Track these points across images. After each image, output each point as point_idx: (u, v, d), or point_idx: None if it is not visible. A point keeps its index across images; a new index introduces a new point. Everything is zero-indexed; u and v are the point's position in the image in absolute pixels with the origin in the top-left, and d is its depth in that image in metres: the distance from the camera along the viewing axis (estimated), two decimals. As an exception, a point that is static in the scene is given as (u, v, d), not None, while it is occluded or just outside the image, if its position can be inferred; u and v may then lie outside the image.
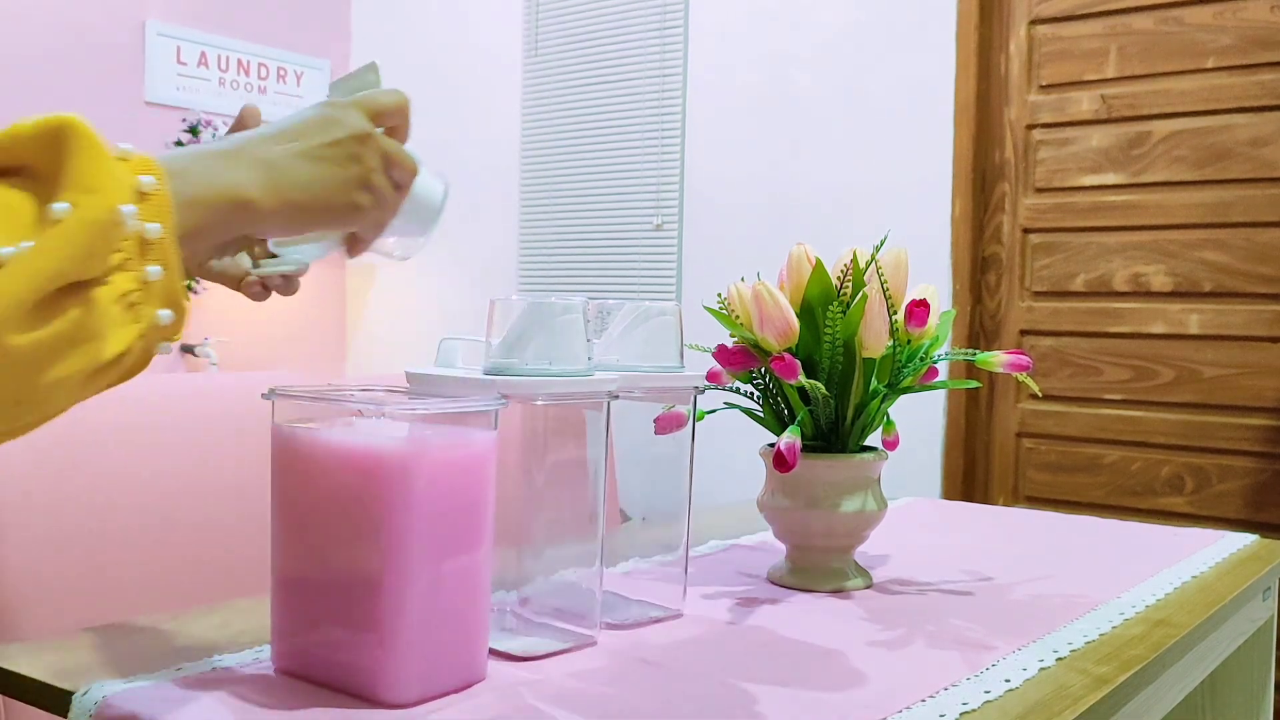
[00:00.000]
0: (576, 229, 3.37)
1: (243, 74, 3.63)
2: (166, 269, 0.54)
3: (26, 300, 0.48)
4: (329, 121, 0.69)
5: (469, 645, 0.74)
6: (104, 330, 0.52)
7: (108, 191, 0.52)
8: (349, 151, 0.69)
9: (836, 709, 0.71)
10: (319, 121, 0.68)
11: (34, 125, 0.52)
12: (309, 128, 0.68)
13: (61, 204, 0.50)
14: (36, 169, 0.52)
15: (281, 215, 0.65)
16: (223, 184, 0.62)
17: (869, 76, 2.82)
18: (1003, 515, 1.53)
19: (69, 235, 0.50)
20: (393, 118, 0.74)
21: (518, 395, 0.78)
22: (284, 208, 0.65)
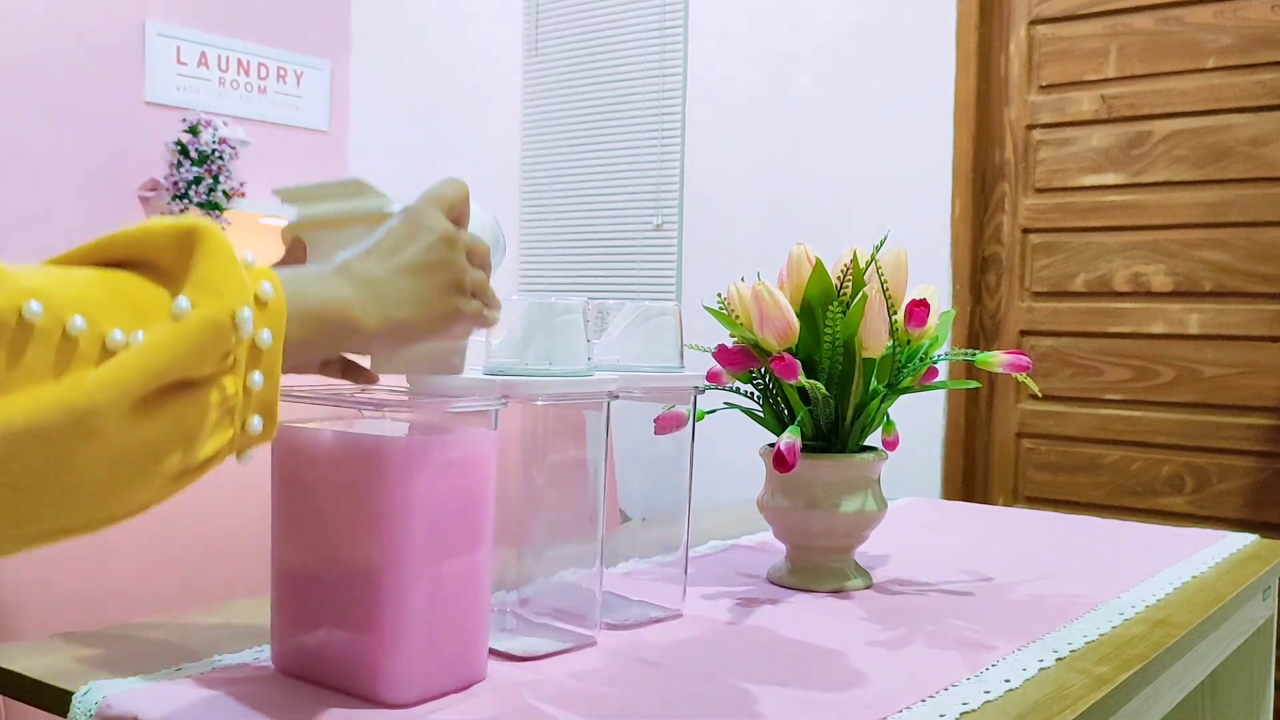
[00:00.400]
0: (576, 229, 3.37)
1: (243, 74, 3.63)
2: (268, 378, 0.54)
3: (134, 391, 0.47)
4: (417, 227, 0.68)
5: (469, 645, 0.74)
6: (201, 433, 0.51)
7: (230, 295, 0.52)
8: (441, 257, 0.68)
9: (836, 709, 0.71)
10: (408, 230, 0.68)
11: (168, 224, 0.52)
12: (401, 239, 0.67)
13: (184, 300, 0.50)
14: (165, 266, 0.52)
15: (387, 334, 0.65)
16: (334, 301, 0.62)
17: (869, 76, 2.82)
18: (1003, 515, 1.53)
19: (186, 333, 0.50)
20: (461, 208, 0.72)
21: (518, 395, 0.78)
22: (389, 327, 0.65)
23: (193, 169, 3.32)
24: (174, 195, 3.32)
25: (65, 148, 3.21)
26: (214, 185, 3.35)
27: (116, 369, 0.47)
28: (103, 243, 0.52)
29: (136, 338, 0.48)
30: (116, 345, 0.47)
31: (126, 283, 0.51)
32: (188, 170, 3.32)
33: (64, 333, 0.46)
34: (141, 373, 0.48)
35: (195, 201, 3.32)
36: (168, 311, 0.50)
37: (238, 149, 3.44)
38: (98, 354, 0.47)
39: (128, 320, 0.49)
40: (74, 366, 0.46)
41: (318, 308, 0.60)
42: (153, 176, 3.38)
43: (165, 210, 3.32)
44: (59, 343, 0.46)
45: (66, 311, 0.46)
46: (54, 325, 0.45)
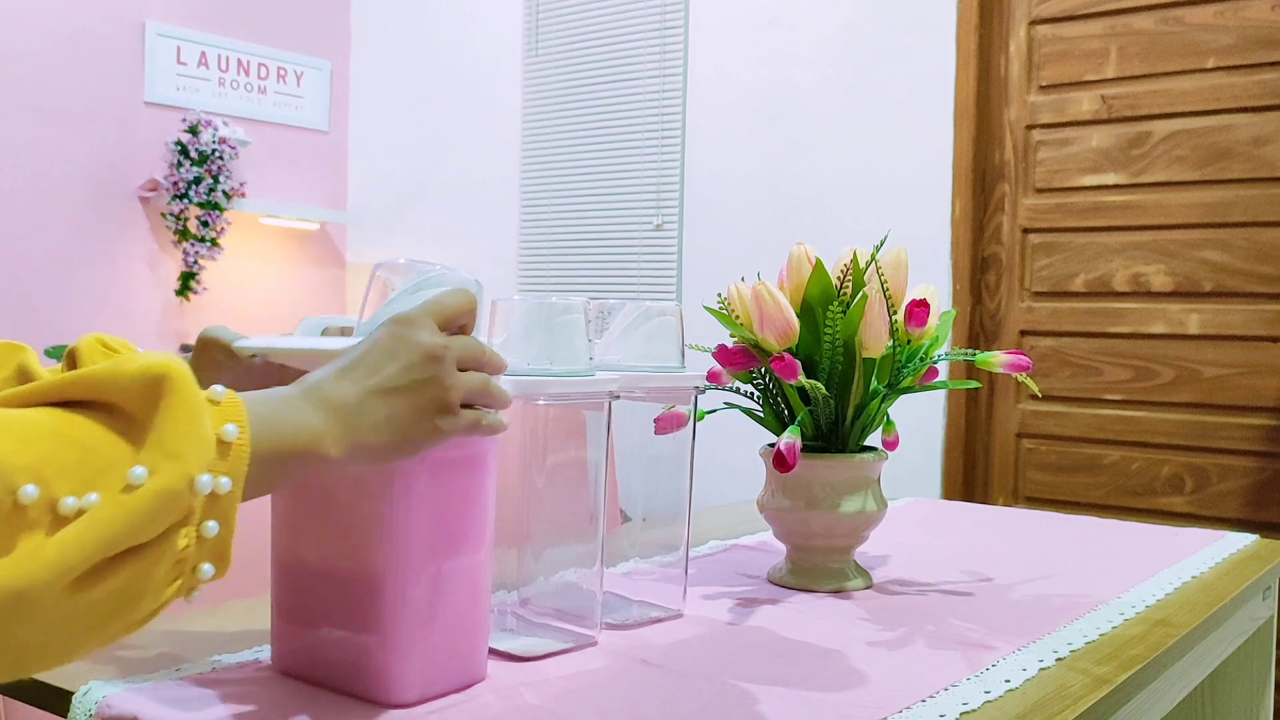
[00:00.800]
0: (576, 229, 3.37)
1: (243, 74, 3.63)
2: (224, 525, 0.53)
3: (78, 568, 0.46)
4: (398, 344, 0.65)
5: (470, 645, 0.74)
6: (148, 591, 0.50)
7: (189, 459, 0.51)
8: (421, 377, 0.65)
9: (836, 709, 0.71)
10: (389, 347, 0.65)
11: (137, 369, 0.51)
12: (381, 357, 0.65)
13: (140, 470, 0.49)
14: (130, 412, 0.51)
15: (355, 461, 0.63)
16: (302, 434, 0.60)
17: (869, 76, 2.82)
18: (1003, 515, 1.53)
19: (139, 505, 0.48)
20: (463, 318, 0.70)
21: (519, 395, 0.78)
22: (357, 452, 0.63)
23: (193, 169, 3.32)
24: (174, 195, 3.32)
25: (65, 148, 3.21)
26: (214, 185, 3.35)
27: (61, 546, 0.46)
28: (70, 380, 0.50)
29: (90, 500, 0.47)
30: (68, 511, 0.46)
31: (86, 434, 0.49)
32: (188, 170, 3.32)
33: (14, 503, 0.45)
34: (89, 548, 0.46)
35: (195, 201, 3.32)
36: (124, 475, 0.48)
37: (238, 149, 3.44)
38: (48, 522, 0.46)
39: (81, 483, 0.47)
40: (21, 538, 0.45)
41: (283, 446, 0.58)
42: (153, 176, 3.38)
43: (165, 210, 3.33)
44: (8, 513, 0.44)
45: (19, 479, 0.45)
46: (5, 495, 0.44)
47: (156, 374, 0.51)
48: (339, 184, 3.95)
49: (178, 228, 3.34)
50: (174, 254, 3.43)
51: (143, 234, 3.39)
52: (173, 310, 3.46)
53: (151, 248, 3.41)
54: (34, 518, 0.45)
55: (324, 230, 3.91)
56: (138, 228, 3.38)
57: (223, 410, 0.54)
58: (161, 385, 0.51)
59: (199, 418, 0.52)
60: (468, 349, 0.69)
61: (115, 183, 3.33)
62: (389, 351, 0.65)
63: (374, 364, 0.65)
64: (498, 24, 3.56)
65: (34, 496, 0.45)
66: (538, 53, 3.47)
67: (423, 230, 3.78)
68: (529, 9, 3.49)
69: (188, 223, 3.35)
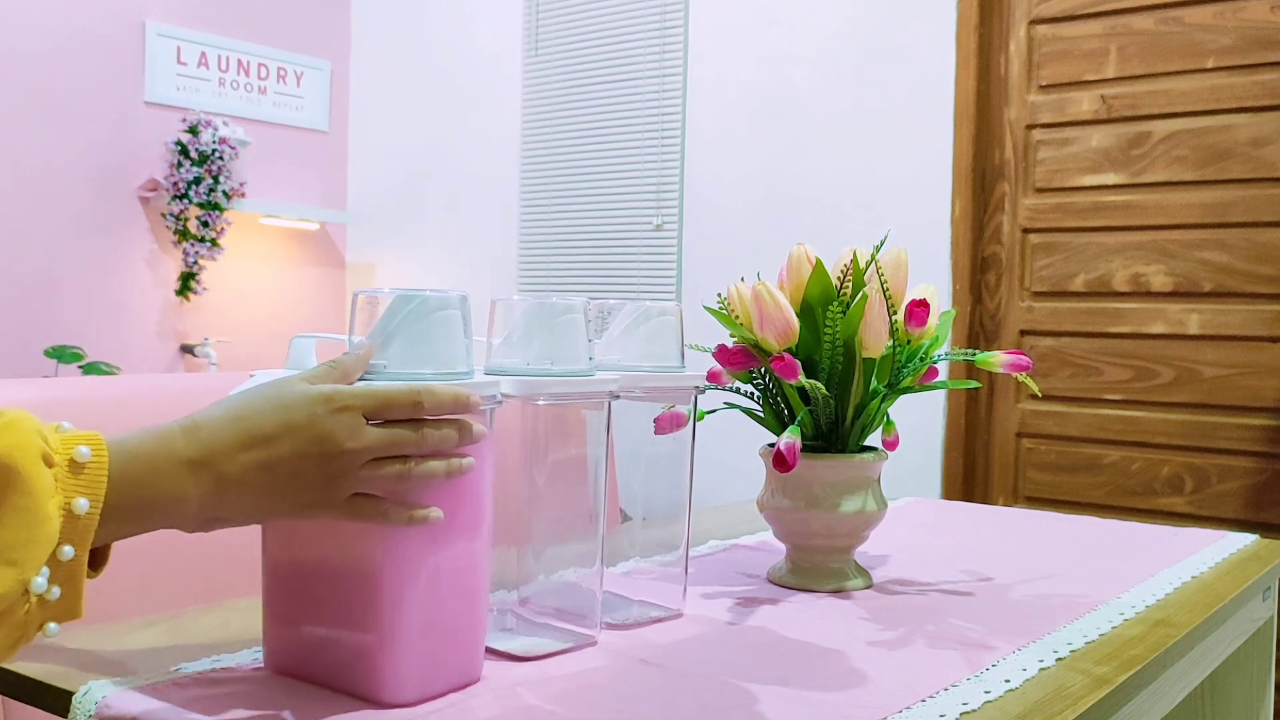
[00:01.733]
0: (576, 229, 3.37)
1: (243, 74, 3.63)
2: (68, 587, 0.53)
3: None
4: (308, 430, 0.63)
5: (468, 644, 0.74)
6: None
7: (26, 564, 0.51)
8: (325, 472, 0.63)
9: (836, 709, 0.71)
10: (298, 425, 0.63)
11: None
12: (284, 431, 0.63)
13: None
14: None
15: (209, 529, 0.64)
16: (159, 501, 0.60)
17: (869, 76, 2.82)
18: (1003, 515, 1.53)
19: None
20: (400, 412, 0.66)
21: (519, 395, 0.78)
22: (215, 525, 0.63)
23: (193, 169, 3.32)
24: (174, 195, 3.32)
25: (65, 148, 3.21)
26: (214, 185, 3.35)
27: None
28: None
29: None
30: None
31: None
32: (188, 170, 3.32)
33: None
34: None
35: (195, 201, 3.32)
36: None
37: (238, 149, 3.44)
38: None
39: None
40: None
41: (138, 513, 0.59)
42: (153, 176, 3.38)
43: (165, 210, 3.33)
44: None
45: None
46: None
47: (6, 466, 0.51)
48: (339, 184, 3.95)
49: (178, 228, 3.34)
50: (174, 254, 3.43)
51: (143, 234, 3.39)
52: (173, 310, 3.46)
53: (151, 248, 3.41)
54: None
55: (324, 230, 3.91)
56: (138, 228, 3.38)
57: (81, 482, 0.54)
58: (10, 482, 0.51)
59: (42, 520, 0.52)
60: (392, 443, 0.65)
61: (115, 183, 3.33)
62: (292, 431, 0.63)
63: (272, 437, 0.63)
64: (498, 24, 3.56)
65: None
66: (538, 53, 3.47)
67: (423, 230, 3.78)
68: (529, 9, 3.49)
69: (188, 223, 3.35)
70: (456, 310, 0.72)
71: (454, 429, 0.68)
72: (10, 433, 0.52)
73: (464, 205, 3.67)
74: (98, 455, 0.56)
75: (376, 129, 3.91)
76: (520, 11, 3.51)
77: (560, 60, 3.42)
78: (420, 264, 3.79)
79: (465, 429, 0.69)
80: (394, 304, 0.71)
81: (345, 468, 0.64)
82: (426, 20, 3.77)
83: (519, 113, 3.51)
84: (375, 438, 0.65)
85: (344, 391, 0.65)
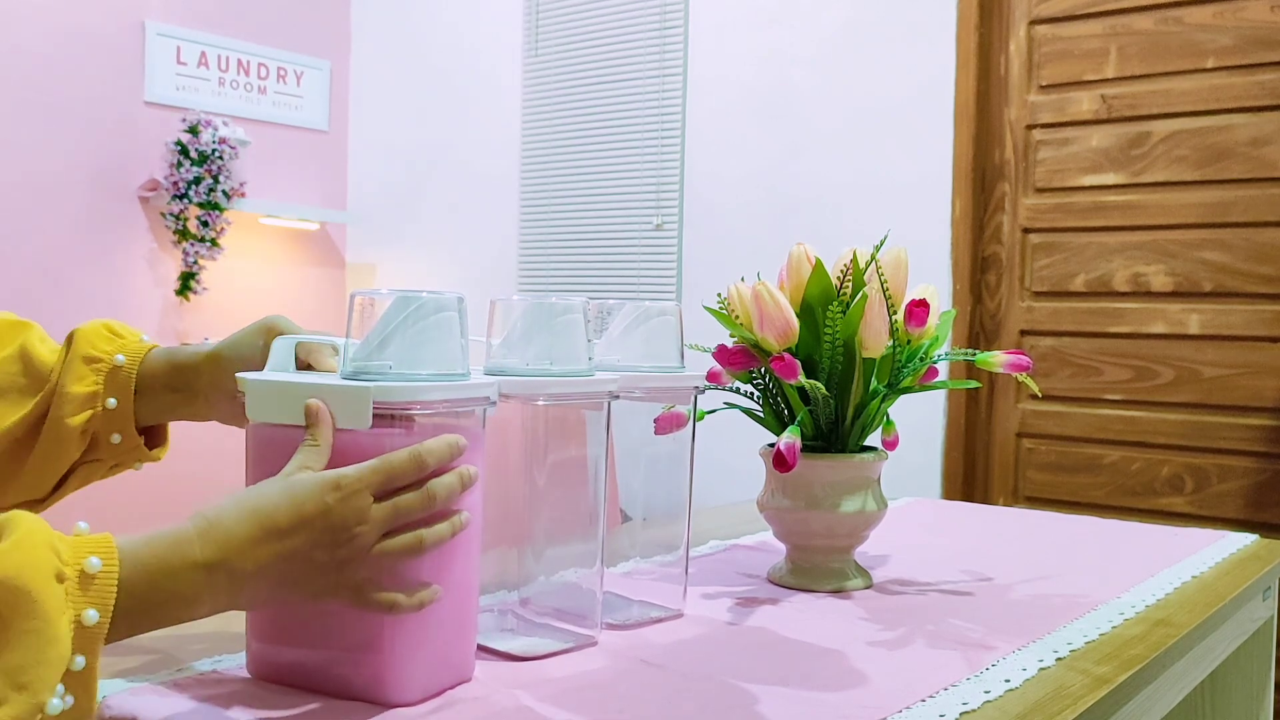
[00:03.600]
0: (576, 229, 3.37)
1: (243, 74, 3.63)
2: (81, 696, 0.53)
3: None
4: (321, 520, 0.64)
5: (462, 643, 0.74)
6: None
7: (39, 687, 0.51)
8: (337, 558, 0.65)
9: (836, 709, 0.71)
10: (311, 517, 0.64)
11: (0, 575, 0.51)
12: (299, 524, 0.64)
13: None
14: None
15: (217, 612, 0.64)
16: (172, 603, 0.61)
17: (869, 77, 2.82)
18: (1003, 515, 1.53)
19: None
20: (406, 479, 0.67)
21: (519, 395, 0.78)
22: (227, 608, 0.64)
23: (193, 169, 3.32)
24: (174, 195, 3.32)
25: (65, 148, 3.21)
26: (214, 185, 3.35)
27: None
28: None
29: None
30: None
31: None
32: (188, 170, 3.32)
33: None
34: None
35: (195, 201, 3.32)
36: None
37: (238, 149, 3.44)
38: None
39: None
40: None
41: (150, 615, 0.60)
42: (153, 176, 3.38)
43: (165, 210, 3.33)
44: None
45: None
46: None
47: (18, 588, 0.51)
48: (339, 184, 3.95)
49: (178, 228, 3.34)
50: (174, 254, 3.43)
51: (143, 234, 3.39)
52: (173, 310, 3.46)
53: (151, 248, 3.41)
54: None
55: (324, 230, 3.91)
56: (138, 228, 3.38)
57: (92, 594, 0.55)
58: (21, 604, 0.51)
59: (53, 641, 0.52)
60: (399, 514, 0.67)
61: (115, 183, 3.33)
62: (306, 523, 0.64)
63: (285, 531, 0.64)
64: (498, 24, 3.56)
65: None
66: (538, 53, 3.47)
67: (423, 230, 3.78)
68: (529, 9, 3.49)
69: (188, 223, 3.35)
70: (454, 312, 0.72)
71: (455, 479, 0.70)
72: (21, 550, 0.52)
73: (464, 205, 3.67)
74: (108, 565, 0.56)
75: (376, 129, 3.91)
76: (520, 11, 3.51)
77: (560, 60, 3.42)
78: (420, 264, 3.79)
79: (465, 476, 0.70)
80: (393, 306, 0.71)
81: (357, 551, 0.66)
82: (426, 20, 3.77)
83: (519, 113, 3.51)
84: (384, 514, 0.67)
85: (350, 475, 0.66)
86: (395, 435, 0.70)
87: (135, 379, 0.85)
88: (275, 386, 0.72)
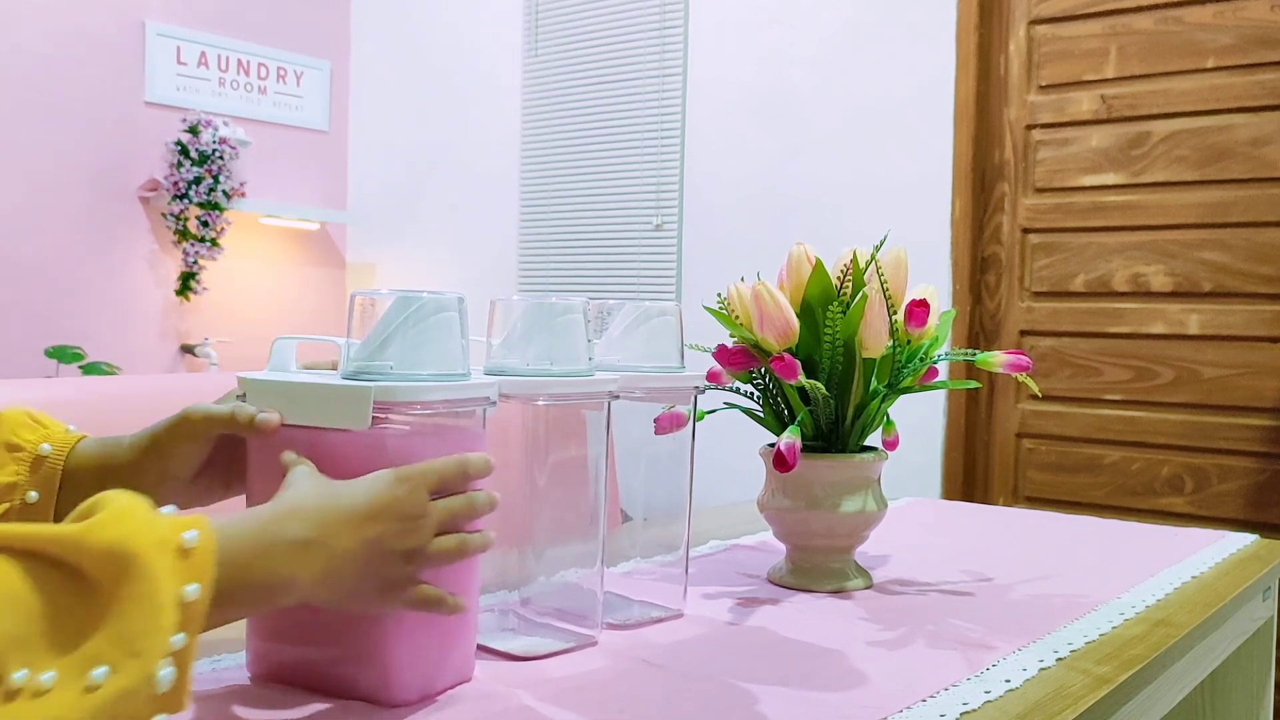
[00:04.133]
0: (576, 229, 3.37)
1: (243, 74, 3.63)
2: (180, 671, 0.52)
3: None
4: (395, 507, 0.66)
5: (463, 643, 0.74)
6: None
7: (150, 655, 0.50)
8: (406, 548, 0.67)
9: (836, 709, 0.71)
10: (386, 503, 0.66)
11: (107, 544, 0.50)
12: (379, 508, 0.65)
13: (101, 670, 0.48)
14: (94, 583, 0.50)
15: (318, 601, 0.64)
16: (269, 582, 0.60)
17: (869, 77, 2.82)
18: (1003, 515, 1.53)
19: (99, 704, 0.48)
20: (454, 484, 0.70)
21: (519, 395, 0.78)
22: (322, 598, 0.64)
23: (193, 169, 3.32)
24: (174, 195, 3.32)
25: (65, 148, 3.21)
26: (214, 185, 3.35)
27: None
28: (40, 536, 0.50)
29: (45, 678, 0.47)
30: (15, 685, 0.46)
31: (48, 603, 0.49)
32: (188, 170, 3.32)
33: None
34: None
35: (195, 201, 3.32)
36: (85, 671, 0.48)
37: (238, 149, 3.44)
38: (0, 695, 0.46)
39: (37, 658, 0.47)
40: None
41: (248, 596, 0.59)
42: (153, 176, 3.38)
43: (165, 210, 3.33)
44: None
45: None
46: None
47: (125, 553, 0.51)
48: (339, 184, 3.95)
49: (178, 228, 3.34)
50: (174, 254, 3.43)
51: (143, 234, 3.39)
52: (173, 310, 3.46)
53: (151, 248, 3.41)
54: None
55: (324, 230, 3.91)
56: (138, 228, 3.38)
57: (190, 567, 0.53)
58: (130, 570, 0.51)
59: (163, 609, 0.51)
60: (453, 512, 0.69)
61: (115, 183, 3.33)
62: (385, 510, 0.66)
63: (369, 515, 0.65)
64: (498, 24, 3.56)
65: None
66: (538, 53, 3.47)
67: (423, 230, 3.78)
68: (529, 9, 3.49)
69: (188, 223, 3.35)
70: (454, 312, 0.73)
71: (488, 497, 0.72)
72: (126, 519, 0.52)
73: (464, 205, 3.67)
74: (205, 539, 0.55)
75: (376, 129, 3.91)
76: (520, 11, 3.51)
77: (560, 60, 3.42)
78: (420, 264, 3.79)
79: (493, 497, 0.72)
80: (393, 306, 0.71)
81: (420, 544, 0.67)
82: (426, 20, 3.77)
83: (519, 113, 3.51)
84: (441, 510, 0.69)
85: (412, 471, 0.68)
86: (396, 435, 0.70)
87: (61, 473, 0.76)
88: (275, 387, 0.72)
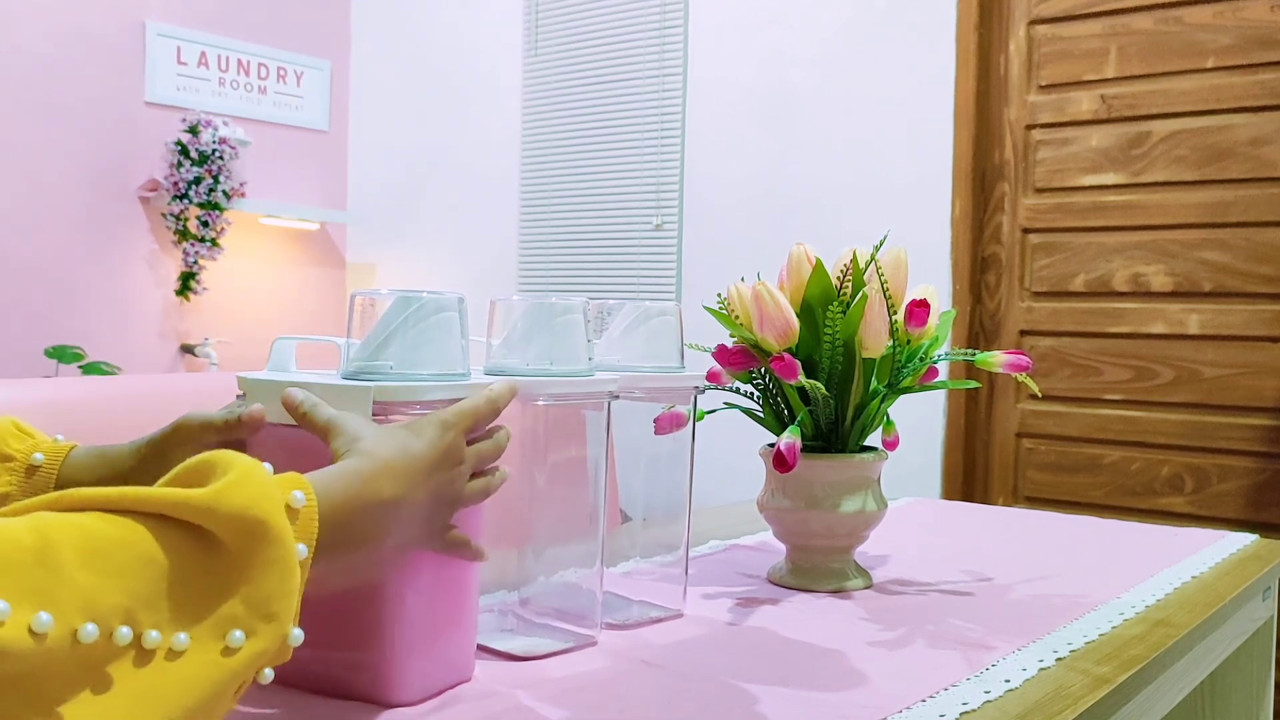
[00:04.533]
0: (576, 229, 3.37)
1: (243, 74, 3.63)
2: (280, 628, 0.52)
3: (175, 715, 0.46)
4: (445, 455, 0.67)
5: (463, 642, 0.74)
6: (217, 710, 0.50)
7: (284, 618, 0.51)
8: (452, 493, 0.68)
9: (836, 709, 0.71)
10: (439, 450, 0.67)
11: (238, 508, 0.50)
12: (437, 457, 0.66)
13: (239, 633, 0.49)
14: (226, 546, 0.50)
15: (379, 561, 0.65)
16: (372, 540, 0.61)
17: (869, 77, 2.82)
18: (1003, 515, 1.53)
19: (238, 666, 0.49)
20: (486, 421, 0.72)
21: (519, 395, 0.78)
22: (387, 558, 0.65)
23: (193, 169, 3.32)
24: (174, 195, 3.32)
25: (65, 148, 3.21)
26: (214, 185, 3.35)
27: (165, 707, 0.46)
28: (170, 501, 0.49)
29: (179, 640, 0.47)
30: (153, 644, 0.46)
31: (180, 566, 0.49)
32: (188, 170, 3.32)
33: (106, 642, 0.45)
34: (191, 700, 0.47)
35: (195, 201, 3.32)
36: (222, 634, 0.49)
37: (238, 149, 3.44)
38: (134, 655, 0.46)
39: (171, 620, 0.47)
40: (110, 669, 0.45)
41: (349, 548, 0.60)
42: (153, 176, 3.38)
43: (165, 210, 3.33)
44: (100, 651, 0.45)
45: (113, 620, 0.45)
46: (101, 638, 0.44)
47: (257, 519, 0.51)
48: (339, 184, 3.95)
49: (178, 228, 3.34)
50: (174, 254, 3.43)
51: (143, 234, 3.39)
52: (173, 310, 3.46)
53: (151, 248, 3.41)
54: (120, 650, 0.45)
55: (324, 230, 3.91)
56: (138, 228, 3.38)
57: (299, 528, 0.54)
58: (262, 534, 0.51)
59: (293, 571, 0.52)
60: (481, 455, 0.71)
61: (115, 183, 3.33)
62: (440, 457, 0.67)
63: (434, 464, 0.66)
64: (498, 24, 3.56)
65: (127, 638, 0.45)
66: (538, 53, 3.47)
67: (423, 230, 3.78)
68: (529, 9, 3.49)
69: (188, 223, 3.35)
70: (454, 312, 0.73)
71: (506, 432, 0.74)
72: (250, 483, 0.52)
73: (464, 205, 3.67)
74: (310, 500, 0.56)
75: (376, 129, 3.91)
76: (520, 11, 3.51)
77: (560, 60, 3.42)
78: (420, 264, 3.79)
79: (508, 431, 0.74)
80: (393, 306, 0.71)
81: (461, 488, 0.69)
82: (426, 20, 3.77)
83: (519, 113, 3.51)
84: (473, 454, 0.70)
85: (450, 415, 0.69)
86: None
87: (56, 481, 0.74)
88: (276, 387, 0.72)
